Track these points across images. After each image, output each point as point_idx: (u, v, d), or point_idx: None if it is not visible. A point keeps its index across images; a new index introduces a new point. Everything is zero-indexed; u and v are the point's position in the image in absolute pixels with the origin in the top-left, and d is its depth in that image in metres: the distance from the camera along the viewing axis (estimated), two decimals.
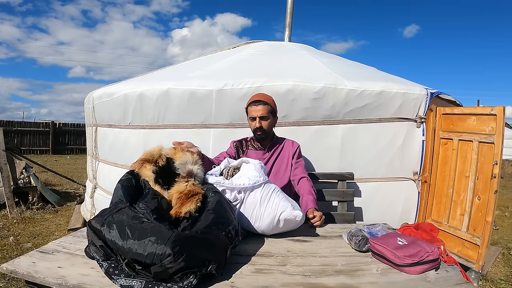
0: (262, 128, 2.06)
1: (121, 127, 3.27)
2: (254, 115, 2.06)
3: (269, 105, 2.06)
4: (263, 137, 2.12)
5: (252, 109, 2.06)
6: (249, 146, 2.22)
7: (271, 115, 2.09)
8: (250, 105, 2.08)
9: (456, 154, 2.74)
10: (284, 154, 2.19)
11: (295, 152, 2.18)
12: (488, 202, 2.47)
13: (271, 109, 2.08)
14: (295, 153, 2.18)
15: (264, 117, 2.05)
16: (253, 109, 2.06)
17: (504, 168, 9.96)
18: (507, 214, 5.13)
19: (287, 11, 4.33)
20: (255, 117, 2.05)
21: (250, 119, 2.11)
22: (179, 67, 4.01)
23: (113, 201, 1.29)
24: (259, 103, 2.04)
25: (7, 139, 9.39)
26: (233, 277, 1.11)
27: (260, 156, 2.16)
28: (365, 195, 2.84)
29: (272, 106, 2.09)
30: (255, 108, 2.05)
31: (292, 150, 2.18)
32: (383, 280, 1.11)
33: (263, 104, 2.04)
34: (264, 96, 2.11)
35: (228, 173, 1.68)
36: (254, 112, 2.05)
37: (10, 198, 4.33)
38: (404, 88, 2.84)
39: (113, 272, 1.05)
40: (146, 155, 1.50)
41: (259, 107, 2.03)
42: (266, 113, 2.05)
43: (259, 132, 2.08)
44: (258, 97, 2.09)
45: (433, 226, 2.20)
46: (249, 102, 2.10)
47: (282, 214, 1.47)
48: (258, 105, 2.04)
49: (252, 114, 2.07)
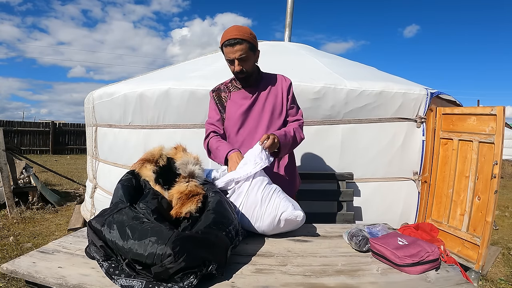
0: (244, 71, 1.73)
1: (121, 127, 3.27)
2: (231, 57, 1.70)
3: (246, 41, 1.68)
4: (247, 78, 1.79)
5: (228, 51, 1.69)
6: (231, 89, 1.88)
7: (251, 52, 1.72)
8: (225, 45, 1.69)
9: (456, 154, 2.74)
10: (277, 90, 1.85)
11: (289, 87, 1.87)
12: (488, 202, 2.47)
13: (250, 46, 1.70)
14: (289, 88, 1.87)
15: (243, 58, 1.69)
16: (229, 51, 1.69)
17: (504, 168, 9.96)
18: (507, 214, 5.13)
19: (287, 11, 4.33)
20: (233, 59, 1.70)
21: (227, 61, 1.76)
22: (179, 67, 4.01)
23: (113, 201, 1.28)
24: (235, 42, 1.66)
25: (7, 139, 9.39)
26: (234, 277, 1.10)
27: (246, 95, 1.83)
28: (365, 195, 2.85)
29: (251, 41, 1.70)
30: (232, 49, 1.67)
31: (286, 84, 1.87)
32: (383, 280, 1.11)
33: (239, 43, 1.66)
34: (239, 30, 1.69)
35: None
36: (231, 53, 1.69)
37: (10, 198, 4.33)
38: (404, 88, 2.84)
39: (113, 272, 1.05)
40: (147, 155, 1.49)
41: (236, 48, 1.67)
42: (245, 53, 1.68)
43: (240, 75, 1.76)
44: (232, 34, 1.68)
45: (433, 226, 2.20)
46: (223, 41, 1.70)
47: (283, 214, 1.47)
48: (235, 46, 1.66)
49: (228, 56, 1.71)
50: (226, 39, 1.68)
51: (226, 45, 1.69)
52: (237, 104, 1.84)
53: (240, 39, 1.66)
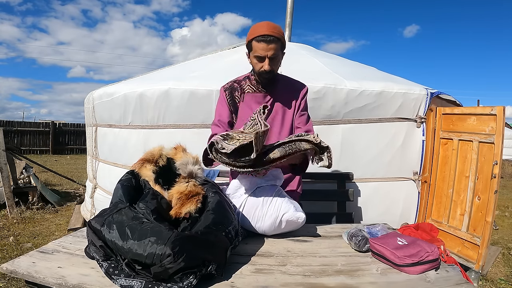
0: (272, 71, 1.63)
1: (121, 127, 3.27)
2: (262, 54, 1.58)
3: (281, 41, 1.60)
4: (271, 79, 1.69)
5: (261, 47, 1.57)
6: (245, 89, 1.75)
7: (281, 54, 1.66)
8: (258, 40, 1.57)
9: (456, 154, 2.74)
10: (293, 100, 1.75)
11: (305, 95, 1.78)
12: (488, 202, 2.47)
13: (282, 47, 1.63)
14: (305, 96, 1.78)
15: (275, 57, 1.60)
16: (262, 47, 1.57)
17: (504, 168, 9.95)
18: (507, 214, 5.13)
19: (287, 11, 4.33)
20: (264, 56, 1.58)
21: (255, 58, 1.63)
22: (179, 67, 4.01)
23: (113, 201, 1.28)
24: (271, 39, 1.55)
25: (7, 139, 9.39)
26: (233, 277, 1.11)
27: (260, 100, 1.73)
28: (365, 195, 2.85)
29: (284, 41, 1.63)
30: (265, 47, 1.56)
31: (302, 92, 1.77)
32: (383, 280, 1.11)
33: (275, 42, 1.56)
34: (275, 28, 1.59)
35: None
36: (263, 50, 1.57)
37: (10, 198, 4.33)
38: (404, 88, 2.84)
39: (113, 272, 1.05)
40: (147, 155, 1.49)
41: (271, 46, 1.56)
42: (277, 53, 1.60)
43: (266, 75, 1.64)
44: (268, 30, 1.56)
45: (433, 226, 2.20)
46: (256, 34, 1.57)
47: (285, 216, 1.46)
48: (270, 44, 1.56)
49: (259, 53, 1.59)
50: (261, 34, 1.56)
51: (260, 41, 1.56)
52: (250, 110, 1.71)
53: (277, 37, 1.57)
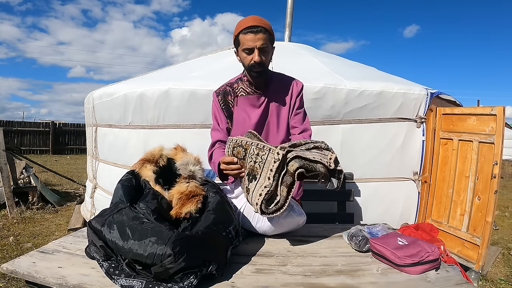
0: (262, 62, 1.57)
1: (121, 127, 3.27)
2: (250, 45, 1.53)
3: (269, 32, 1.57)
4: (262, 73, 1.62)
5: (249, 38, 1.53)
6: (238, 93, 1.70)
7: (271, 45, 1.61)
8: (245, 33, 1.54)
9: (456, 154, 2.74)
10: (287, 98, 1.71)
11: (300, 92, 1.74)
12: (488, 202, 2.47)
13: (271, 38, 1.59)
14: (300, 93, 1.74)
15: (265, 48, 1.56)
16: (250, 38, 1.53)
17: (504, 168, 9.96)
18: (507, 214, 5.13)
19: (287, 11, 4.33)
20: (253, 48, 1.54)
21: (244, 51, 1.58)
22: (179, 67, 4.01)
23: (113, 201, 1.28)
24: (259, 29, 1.52)
25: (7, 139, 9.39)
26: (234, 277, 1.11)
27: (254, 102, 1.68)
28: (365, 195, 2.85)
29: (272, 33, 1.60)
30: (253, 37, 1.52)
31: (297, 90, 1.73)
32: (383, 280, 1.11)
33: (262, 32, 1.53)
34: (261, 20, 1.57)
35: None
36: (251, 41, 1.53)
37: (10, 198, 4.33)
38: (404, 88, 2.84)
39: (113, 272, 1.05)
40: (147, 155, 1.49)
41: (258, 36, 1.52)
42: (266, 43, 1.56)
43: (257, 68, 1.57)
44: (254, 21, 1.54)
45: (433, 227, 2.20)
46: (243, 27, 1.55)
47: (285, 216, 1.47)
48: (258, 34, 1.52)
49: (248, 45, 1.54)
50: (247, 26, 1.53)
51: (246, 32, 1.53)
52: (245, 113, 1.70)
53: (264, 28, 1.54)
